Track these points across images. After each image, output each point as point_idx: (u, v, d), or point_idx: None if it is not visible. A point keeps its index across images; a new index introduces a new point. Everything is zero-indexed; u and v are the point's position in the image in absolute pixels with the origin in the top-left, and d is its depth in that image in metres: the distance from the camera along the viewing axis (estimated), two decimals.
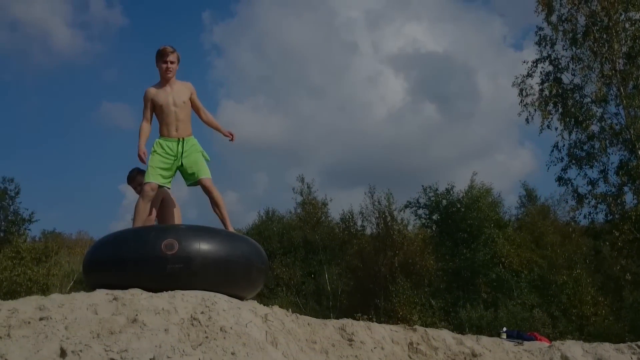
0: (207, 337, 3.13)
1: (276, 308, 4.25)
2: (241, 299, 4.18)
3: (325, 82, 67.07)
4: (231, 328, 3.28)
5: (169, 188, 4.75)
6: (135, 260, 3.97)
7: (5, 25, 74.04)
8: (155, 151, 4.62)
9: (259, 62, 70.17)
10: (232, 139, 4.97)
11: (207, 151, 4.80)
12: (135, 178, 5.07)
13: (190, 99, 4.77)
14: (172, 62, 4.64)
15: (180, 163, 4.61)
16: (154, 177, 4.54)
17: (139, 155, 4.60)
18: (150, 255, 3.94)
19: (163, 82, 4.70)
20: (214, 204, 4.69)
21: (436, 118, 59.87)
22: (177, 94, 4.67)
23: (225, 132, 4.95)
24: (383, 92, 61.84)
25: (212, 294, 3.78)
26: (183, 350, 2.92)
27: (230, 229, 4.69)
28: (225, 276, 4.12)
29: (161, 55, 4.64)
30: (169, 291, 3.74)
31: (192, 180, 4.67)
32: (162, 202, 4.90)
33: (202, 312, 3.40)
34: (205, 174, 4.66)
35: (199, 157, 4.70)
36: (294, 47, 71.12)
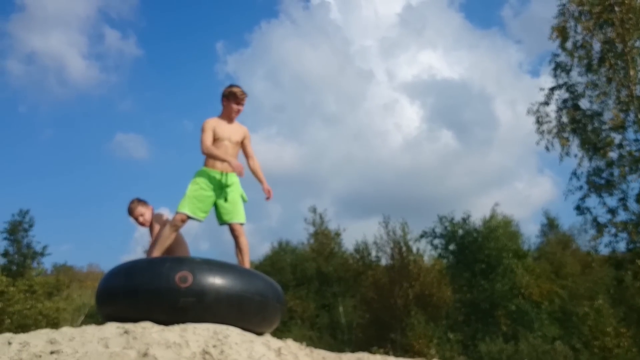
0: None
1: (290, 342, 4.15)
2: (256, 335, 4.07)
3: (340, 111, 67.51)
4: None
5: (200, 221, 4.60)
6: (147, 292, 3.91)
7: (22, 56, 75.97)
8: (195, 180, 4.55)
9: (273, 91, 71.09)
10: (268, 198, 4.84)
11: None
12: (137, 209, 4.91)
13: (243, 143, 4.80)
14: (243, 106, 4.74)
15: (223, 199, 4.53)
16: (188, 208, 4.45)
17: (237, 168, 4.51)
18: (163, 287, 3.87)
19: (226, 119, 4.74)
20: (240, 250, 4.63)
21: (453, 146, 59.68)
22: (234, 132, 4.72)
23: (265, 187, 4.80)
24: (399, 120, 62.02)
25: (224, 327, 3.69)
26: None
27: None
28: (238, 312, 4.03)
29: (235, 97, 4.68)
30: (181, 324, 3.65)
31: (226, 220, 4.58)
32: (175, 239, 4.72)
33: (214, 346, 3.31)
34: (241, 218, 4.62)
35: (239, 198, 4.65)
36: (309, 76, 72.00)
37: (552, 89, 17.88)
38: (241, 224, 4.61)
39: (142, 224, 4.93)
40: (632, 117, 16.70)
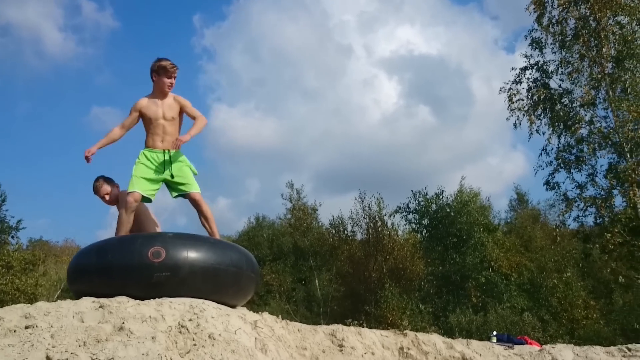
0: (195, 345, 3.09)
1: (266, 315, 4.21)
2: (231, 307, 4.13)
3: (320, 86, 67.22)
4: (220, 335, 3.24)
5: (150, 201, 4.61)
6: (120, 269, 3.92)
7: None
8: (139, 161, 4.55)
9: (252, 65, 70.30)
10: (174, 144, 4.62)
11: (198, 155, 4.74)
12: (102, 187, 4.84)
13: (185, 112, 4.72)
14: (174, 79, 4.64)
15: (169, 175, 4.53)
16: (138, 186, 4.44)
17: (85, 155, 4.48)
18: (137, 263, 3.88)
19: (159, 95, 4.66)
20: (204, 218, 4.65)
21: (430, 121, 60.11)
22: (168, 108, 4.64)
23: (182, 137, 4.59)
24: (377, 96, 62.09)
25: (200, 301, 3.73)
26: (170, 358, 2.88)
27: None
28: (213, 284, 4.06)
29: (165, 71, 4.58)
30: (156, 299, 3.69)
31: (180, 192, 4.61)
32: (141, 218, 4.69)
33: (190, 320, 3.36)
34: (195, 188, 4.62)
35: (189, 170, 4.65)
36: (288, 50, 71.28)
37: (524, 69, 18.11)
38: (198, 192, 4.62)
39: (108, 203, 4.88)
40: (602, 94, 17.01)
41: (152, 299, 3.67)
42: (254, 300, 26.20)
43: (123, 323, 3.22)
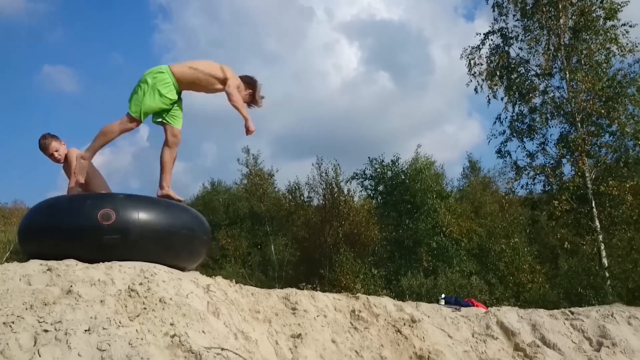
0: (145, 309, 3.06)
1: (219, 279, 4.21)
2: (182, 270, 4.11)
3: (280, 49, 66.09)
4: (171, 299, 3.22)
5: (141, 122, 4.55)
6: (70, 230, 3.83)
7: None
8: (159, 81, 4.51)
9: (210, 25, 68.53)
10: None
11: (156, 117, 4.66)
12: (51, 144, 4.72)
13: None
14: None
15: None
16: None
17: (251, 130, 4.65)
18: (86, 225, 3.80)
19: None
20: (172, 156, 4.73)
21: (390, 88, 60.22)
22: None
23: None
24: (338, 61, 61.60)
25: (151, 265, 3.69)
26: (119, 322, 2.85)
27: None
28: (165, 247, 4.02)
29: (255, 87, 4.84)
30: (106, 262, 3.63)
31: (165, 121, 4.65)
32: (89, 176, 4.58)
33: (140, 284, 3.32)
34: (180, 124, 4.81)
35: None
36: (248, 11, 69.60)
37: (487, 34, 18.28)
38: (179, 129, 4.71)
39: (57, 161, 4.76)
40: (558, 65, 17.39)
41: (101, 263, 3.60)
42: (208, 264, 26.19)
43: (71, 286, 3.16)
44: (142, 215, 3.92)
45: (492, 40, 18.22)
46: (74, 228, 3.83)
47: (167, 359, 2.69)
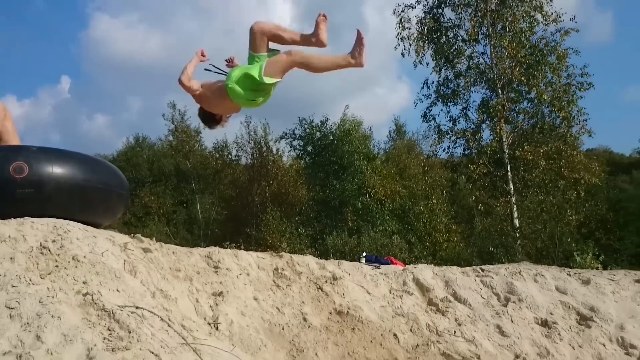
0: (57, 266, 2.96)
1: (138, 237, 4.13)
2: (98, 226, 3.99)
3: (212, 3, 63.54)
4: (85, 257, 3.13)
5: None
6: None
7: None
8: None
9: None
10: None
11: (76, 69, 4.37)
12: None
13: None
14: None
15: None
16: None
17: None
18: None
19: None
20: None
21: (323, 48, 59.42)
22: None
23: None
24: (270, 17, 60.13)
25: (65, 222, 3.55)
26: (30, 279, 2.75)
27: None
28: (80, 202, 3.88)
29: None
30: (18, 218, 3.46)
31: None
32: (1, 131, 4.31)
33: (53, 241, 3.20)
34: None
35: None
36: None
37: None
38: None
39: None
40: (484, 31, 17.85)
41: (13, 219, 3.43)
42: (131, 222, 25.56)
43: None
44: (56, 169, 3.76)
45: (425, 1, 18.39)
46: None
47: (79, 317, 2.63)
